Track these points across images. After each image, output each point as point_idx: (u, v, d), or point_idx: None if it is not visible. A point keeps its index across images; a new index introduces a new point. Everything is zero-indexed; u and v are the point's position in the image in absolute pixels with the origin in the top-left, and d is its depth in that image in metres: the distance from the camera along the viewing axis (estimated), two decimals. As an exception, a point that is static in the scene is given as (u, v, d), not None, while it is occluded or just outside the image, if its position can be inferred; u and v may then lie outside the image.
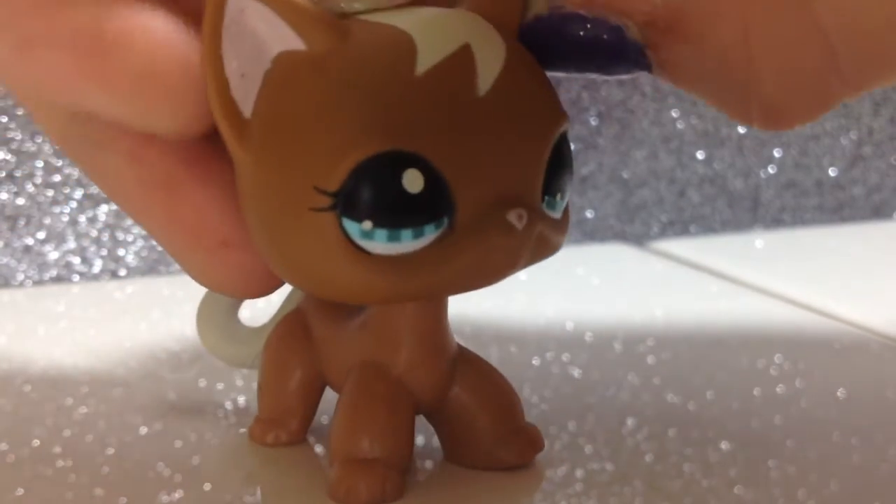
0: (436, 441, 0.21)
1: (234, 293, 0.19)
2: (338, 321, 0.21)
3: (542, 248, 0.18)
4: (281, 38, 0.17)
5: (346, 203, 0.16)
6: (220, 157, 0.18)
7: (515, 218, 0.17)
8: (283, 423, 0.22)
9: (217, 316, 0.23)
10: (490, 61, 0.17)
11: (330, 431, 0.19)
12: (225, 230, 0.18)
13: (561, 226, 0.18)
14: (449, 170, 0.16)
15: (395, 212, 0.16)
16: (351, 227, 0.16)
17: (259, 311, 0.24)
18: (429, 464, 0.21)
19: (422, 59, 0.16)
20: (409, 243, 0.16)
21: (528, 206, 0.17)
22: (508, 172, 0.17)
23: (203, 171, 0.18)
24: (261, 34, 0.17)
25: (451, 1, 0.18)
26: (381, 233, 0.16)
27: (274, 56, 0.17)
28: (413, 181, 0.16)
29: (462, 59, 0.17)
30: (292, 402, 0.21)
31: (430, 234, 0.16)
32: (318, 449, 0.22)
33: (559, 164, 0.18)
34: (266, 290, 0.19)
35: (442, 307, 0.20)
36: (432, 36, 0.17)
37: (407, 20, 0.17)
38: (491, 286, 0.18)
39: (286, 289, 0.24)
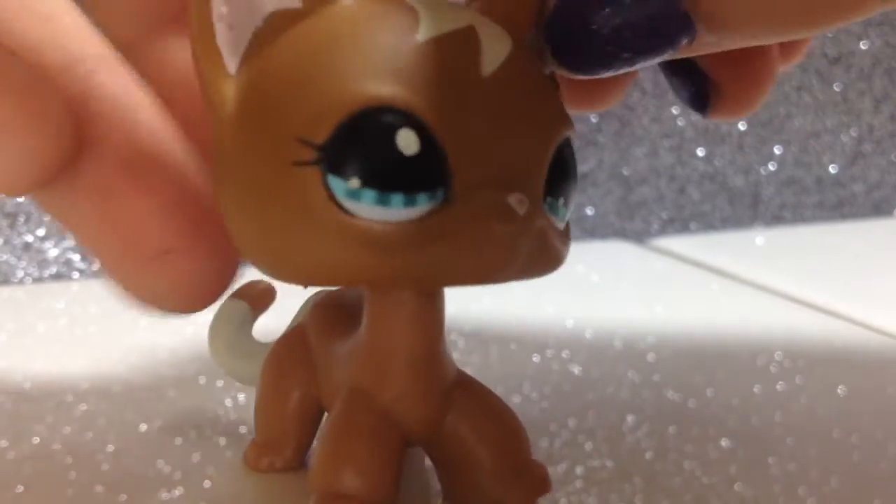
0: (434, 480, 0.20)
1: (174, 305, 0.18)
2: (334, 340, 0.19)
3: (544, 252, 0.16)
4: None
5: (333, 157, 0.14)
6: (164, 160, 0.17)
7: (516, 202, 0.15)
8: (279, 448, 0.20)
9: (229, 332, 0.22)
10: (495, 46, 0.16)
11: (310, 461, 0.18)
12: (167, 238, 0.17)
13: (563, 236, 0.17)
14: (447, 139, 0.15)
15: (387, 171, 0.14)
16: (337, 184, 0.15)
17: (273, 326, 0.23)
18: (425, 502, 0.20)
19: (424, 26, 0.15)
20: (399, 210, 0.15)
21: (528, 195, 0.15)
22: (509, 157, 0.16)
23: (144, 177, 0.17)
24: None
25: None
26: (370, 194, 0.14)
27: (266, 14, 0.16)
28: (408, 142, 0.14)
29: (467, 37, 0.16)
30: (289, 425, 0.20)
31: (423, 205, 0.15)
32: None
33: (563, 168, 0.17)
34: (206, 301, 0.17)
35: (435, 330, 0.18)
36: (436, 11, 0.16)
37: None
38: (486, 284, 0.16)
39: (299, 302, 0.23)
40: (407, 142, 0.14)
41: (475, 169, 0.15)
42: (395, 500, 0.17)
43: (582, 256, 0.41)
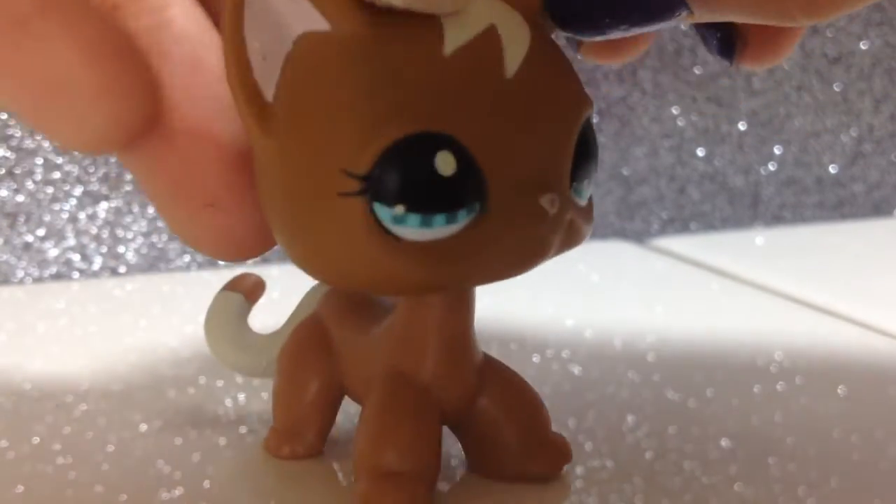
0: (458, 451, 0.20)
1: (215, 256, 0.18)
2: (360, 327, 0.20)
3: (571, 236, 0.17)
4: (304, 17, 0.16)
5: (377, 187, 0.15)
6: (219, 113, 0.17)
7: (548, 203, 0.16)
8: (300, 434, 0.21)
9: (226, 324, 0.23)
10: (516, 42, 0.16)
11: (354, 443, 0.19)
12: (212, 190, 0.17)
13: (587, 213, 0.18)
14: (480, 152, 0.16)
15: (429, 195, 0.15)
16: (382, 212, 0.15)
17: (270, 317, 0.23)
18: (454, 474, 0.20)
19: (449, 39, 0.16)
20: (441, 229, 0.15)
21: (558, 192, 0.16)
22: (539, 156, 0.16)
23: (196, 122, 0.17)
24: (283, 13, 0.16)
25: None
26: (414, 217, 0.15)
27: (296, 37, 0.16)
28: (446, 163, 0.15)
29: (489, 40, 0.16)
30: (309, 412, 0.21)
31: (463, 220, 0.16)
32: (335, 464, 0.21)
33: (585, 149, 0.17)
34: (250, 255, 0.18)
35: (469, 313, 0.19)
36: (458, 17, 0.16)
37: None
38: (522, 275, 0.17)
39: (298, 294, 0.23)
40: (445, 163, 0.15)
41: (508, 176, 0.16)
42: (437, 473, 0.19)
43: (582, 256, 0.41)
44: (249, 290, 0.23)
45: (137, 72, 0.16)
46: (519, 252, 0.16)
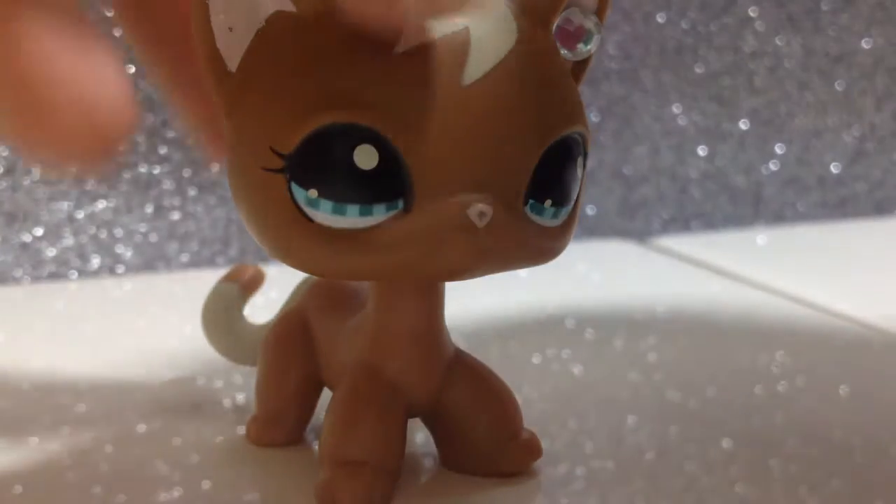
0: (432, 446, 0.21)
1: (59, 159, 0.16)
2: (336, 320, 0.20)
3: (522, 250, 0.17)
4: None
5: (296, 168, 0.16)
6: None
7: (476, 215, 0.16)
8: (280, 422, 0.21)
9: (222, 313, 0.23)
10: (487, 51, 0.16)
11: (321, 433, 0.19)
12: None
13: (553, 233, 0.18)
14: (411, 152, 0.16)
15: (342, 185, 0.16)
16: (298, 192, 0.16)
17: (264, 307, 0.24)
18: (425, 468, 0.21)
19: (407, 38, 0.16)
20: (355, 219, 0.16)
21: (503, 205, 0.16)
22: (484, 166, 0.16)
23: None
24: None
25: None
26: (326, 204, 0.16)
27: (268, 15, 0.16)
28: (365, 157, 0.16)
29: (454, 44, 0.16)
30: (290, 401, 0.21)
31: (381, 215, 0.16)
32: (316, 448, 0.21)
33: (552, 169, 0.17)
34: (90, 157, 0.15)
35: (437, 307, 0.19)
36: (430, 16, 0.16)
37: None
38: (460, 280, 0.17)
39: (291, 285, 0.24)
40: (365, 157, 0.16)
41: (441, 179, 0.16)
42: (400, 465, 0.19)
43: (583, 256, 0.41)
44: (247, 281, 0.24)
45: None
46: (443, 258, 0.16)
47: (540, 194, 0.17)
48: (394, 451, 0.19)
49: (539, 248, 0.17)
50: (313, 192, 0.16)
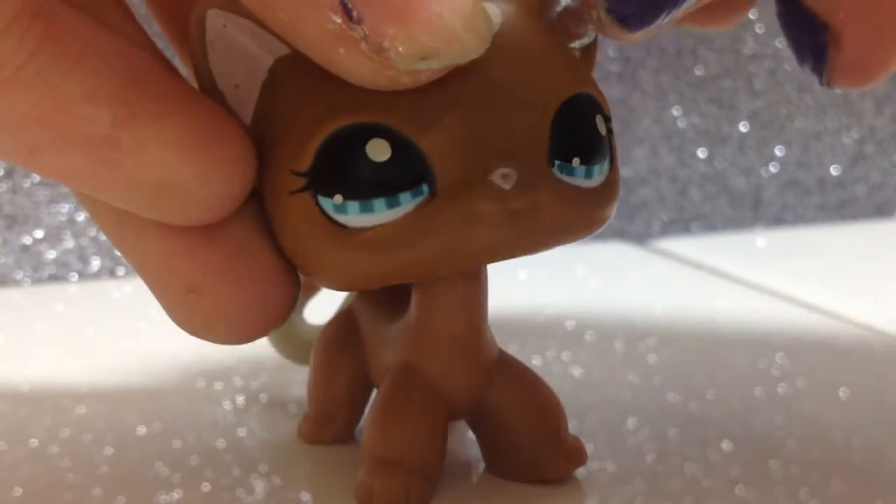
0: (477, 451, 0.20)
1: (216, 340, 0.18)
2: (383, 321, 0.20)
3: (561, 218, 0.17)
4: (271, 48, 0.17)
5: (317, 181, 0.16)
6: None
7: (500, 178, 0.16)
8: (331, 422, 0.22)
9: None
10: None
11: (363, 433, 0.19)
12: (191, 277, 0.17)
13: (590, 194, 0.17)
14: (421, 136, 0.16)
15: (363, 182, 0.16)
16: (325, 203, 0.16)
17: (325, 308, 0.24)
18: (472, 472, 0.20)
19: None
20: (384, 214, 0.16)
21: (527, 167, 0.16)
22: (497, 136, 0.16)
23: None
24: (250, 49, 0.17)
25: None
26: (353, 205, 0.16)
27: (269, 66, 0.17)
28: (378, 150, 0.16)
29: None
30: (340, 401, 0.21)
31: (408, 204, 0.16)
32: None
33: (571, 127, 0.17)
34: (250, 333, 0.18)
35: (479, 309, 0.19)
36: None
37: None
38: (498, 261, 0.17)
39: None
40: (377, 149, 0.16)
41: (459, 157, 0.16)
42: (440, 468, 0.19)
43: (582, 258, 0.41)
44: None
45: (230, 138, 0.16)
46: (478, 233, 0.16)
47: (564, 153, 0.17)
48: (432, 451, 0.19)
49: (577, 213, 0.17)
50: (339, 198, 0.16)
